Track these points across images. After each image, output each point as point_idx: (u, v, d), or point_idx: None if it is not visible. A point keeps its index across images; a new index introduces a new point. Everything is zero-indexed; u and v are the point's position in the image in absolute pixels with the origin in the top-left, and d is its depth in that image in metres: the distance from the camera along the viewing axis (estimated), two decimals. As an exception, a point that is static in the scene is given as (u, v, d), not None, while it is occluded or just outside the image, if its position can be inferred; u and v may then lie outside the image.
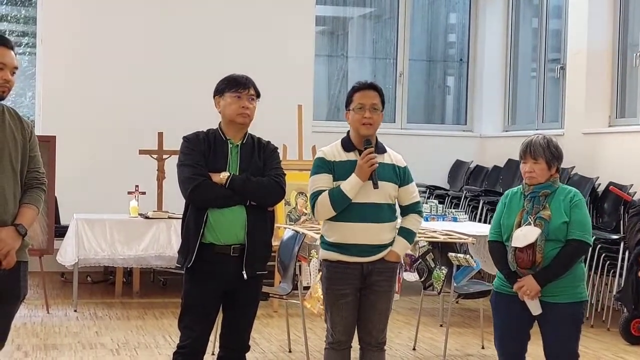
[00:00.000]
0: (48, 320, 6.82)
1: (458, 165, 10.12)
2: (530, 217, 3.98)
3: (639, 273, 4.03)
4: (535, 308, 4.00)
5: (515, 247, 3.98)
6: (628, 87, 8.33)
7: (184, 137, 4.09)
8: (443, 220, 7.45)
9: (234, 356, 4.12)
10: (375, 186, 4.00)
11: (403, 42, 10.34)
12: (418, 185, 9.92)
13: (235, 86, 4.02)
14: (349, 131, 4.17)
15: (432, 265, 6.07)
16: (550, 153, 4.00)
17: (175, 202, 4.31)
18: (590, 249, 4.39)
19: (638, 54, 8.04)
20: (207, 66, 8.39)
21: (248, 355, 4.21)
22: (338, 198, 4.00)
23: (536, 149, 3.98)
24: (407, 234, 4.18)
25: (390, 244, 4.12)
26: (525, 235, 3.95)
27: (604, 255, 6.99)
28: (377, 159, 4.03)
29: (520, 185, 4.13)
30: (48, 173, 4.08)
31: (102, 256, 7.36)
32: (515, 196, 4.12)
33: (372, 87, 4.11)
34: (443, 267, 5.96)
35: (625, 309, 6.50)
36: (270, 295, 5.89)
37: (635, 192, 7.23)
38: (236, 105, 4.01)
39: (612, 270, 6.99)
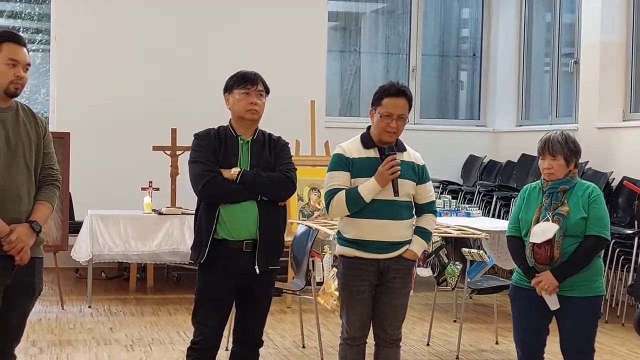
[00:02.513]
0: (63, 316, 6.86)
1: (471, 161, 10.09)
2: (548, 213, 3.98)
3: None
4: (553, 303, 3.99)
5: (534, 243, 3.97)
6: (642, 81, 8.29)
7: (195, 134, 4.10)
8: (456, 215, 7.44)
9: (248, 351, 4.13)
10: (396, 194, 3.99)
11: (416, 37, 10.32)
12: (432, 181, 9.89)
13: (244, 82, 4.02)
14: (369, 127, 4.13)
15: (446, 261, 6.06)
16: (568, 149, 3.99)
17: (189, 198, 4.31)
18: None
19: (652, 48, 8.00)
20: (220, 63, 8.39)
21: (261, 350, 4.22)
22: (354, 200, 3.99)
23: (554, 146, 3.97)
24: (423, 233, 4.16)
25: (407, 241, 4.11)
26: (543, 231, 3.95)
27: (618, 250, 6.96)
28: (398, 159, 4.01)
29: (539, 181, 4.11)
30: (62, 169, 4.10)
31: (116, 252, 7.39)
32: (533, 191, 4.12)
33: (403, 94, 4.03)
34: (457, 263, 5.95)
35: (639, 304, 6.47)
36: (284, 291, 5.90)
37: (649, 187, 7.19)
38: (245, 101, 4.01)
39: (627, 265, 6.97)
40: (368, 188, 3.98)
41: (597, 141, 8.22)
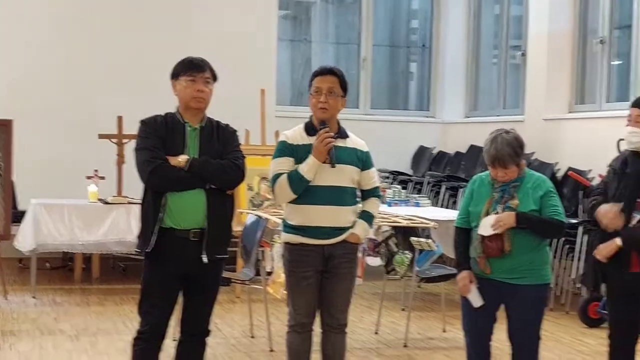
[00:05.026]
0: (6, 307, 6.73)
1: (421, 151, 10.16)
2: (499, 206, 3.99)
3: (595, 255, 4.06)
4: (475, 301, 4.04)
5: (484, 236, 3.99)
6: (588, 73, 8.41)
7: (141, 121, 4.03)
8: (406, 205, 7.48)
9: (195, 341, 4.10)
10: (332, 165, 4.02)
11: (366, 28, 10.32)
12: (381, 171, 9.91)
13: (190, 69, 3.96)
14: (311, 115, 4.18)
15: (395, 250, 6.10)
16: (517, 156, 3.98)
17: (135, 187, 4.24)
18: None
19: (598, 40, 8.11)
20: (168, 49, 8.28)
21: (210, 340, 4.20)
22: (296, 180, 4.03)
23: (504, 159, 3.93)
24: (367, 217, 4.22)
25: (352, 227, 4.15)
26: (492, 224, 3.96)
27: (563, 239, 7.06)
28: (339, 143, 4.06)
29: (488, 171, 4.11)
30: (5, 157, 4.01)
31: (61, 242, 7.28)
32: (483, 183, 4.12)
33: (331, 72, 4.13)
34: (406, 252, 5.99)
35: (584, 293, 6.59)
36: (233, 280, 5.87)
37: (593, 178, 7.31)
38: (191, 88, 3.95)
39: (571, 255, 7.08)
40: (307, 165, 4.03)
41: (543, 132, 8.33)
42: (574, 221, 7.07)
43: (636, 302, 3.95)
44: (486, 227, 3.97)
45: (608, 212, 3.95)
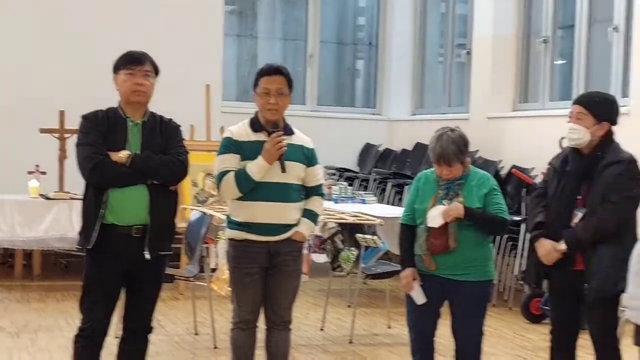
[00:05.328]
0: (-57, 305, 6.58)
1: (367, 148, 10.20)
2: (444, 202, 4.02)
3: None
4: (418, 298, 4.07)
5: (429, 234, 4.01)
6: (531, 72, 8.54)
7: (83, 116, 3.97)
8: (352, 202, 7.50)
9: (137, 338, 4.05)
10: (283, 170, 4.02)
11: (313, 24, 10.32)
12: (328, 168, 9.90)
13: (129, 63, 3.90)
14: (257, 112, 4.16)
15: (341, 247, 6.10)
16: (461, 153, 4.02)
17: (78, 182, 4.17)
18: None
19: (542, 40, 8.23)
20: (111, 43, 8.15)
21: (153, 337, 4.15)
22: (243, 179, 4.01)
23: (449, 157, 3.98)
24: (311, 215, 4.21)
25: (297, 224, 4.14)
26: (440, 214, 3.98)
27: (506, 236, 7.15)
28: (285, 140, 4.04)
29: (433, 168, 4.14)
30: (-59, 150, 3.90)
31: (1, 238, 7.18)
32: (428, 181, 4.15)
33: (278, 71, 4.09)
34: (352, 249, 6.00)
35: (527, 289, 6.68)
36: (177, 277, 5.82)
37: (536, 175, 7.42)
38: (130, 82, 3.89)
39: (514, 251, 7.18)
40: (257, 166, 4.01)
41: (487, 131, 8.43)
42: (517, 218, 7.16)
43: (578, 299, 4.01)
44: (434, 218, 3.99)
45: (549, 252, 3.98)
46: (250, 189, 4.01)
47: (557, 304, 4.15)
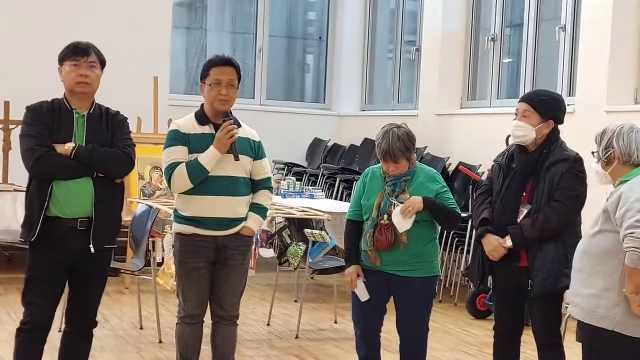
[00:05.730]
0: None
1: (316, 143, 10.20)
2: (390, 199, 4.03)
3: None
4: (362, 295, 4.09)
5: (374, 230, 4.02)
6: (479, 70, 8.62)
7: (27, 107, 3.91)
8: (300, 197, 7.49)
9: (81, 332, 4.01)
10: (236, 158, 4.01)
11: (263, 18, 10.27)
12: (277, 162, 9.88)
13: (74, 54, 3.85)
14: (202, 104, 4.14)
15: (288, 241, 6.10)
16: (408, 150, 4.04)
17: (22, 174, 4.10)
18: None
19: (490, 38, 8.32)
20: (56, 34, 8.01)
21: (97, 332, 4.11)
22: (195, 170, 3.99)
23: (395, 153, 4.00)
24: (259, 209, 4.19)
25: (245, 217, 4.13)
26: (399, 214, 3.99)
27: (452, 232, 7.22)
28: (236, 130, 4.02)
29: (380, 164, 4.15)
30: None
31: (-58, 230, 6.97)
32: (375, 176, 4.16)
33: (229, 62, 4.08)
34: (300, 243, 6.00)
35: (472, 285, 6.75)
36: (122, 271, 5.75)
37: (483, 172, 7.49)
38: (74, 73, 3.84)
39: (460, 247, 7.25)
40: (208, 156, 3.99)
41: (435, 127, 8.49)
42: (464, 215, 7.22)
43: (522, 295, 4.06)
44: (400, 222, 3.98)
45: (496, 248, 4.02)
46: (201, 180, 3.98)
47: (501, 300, 4.19)
